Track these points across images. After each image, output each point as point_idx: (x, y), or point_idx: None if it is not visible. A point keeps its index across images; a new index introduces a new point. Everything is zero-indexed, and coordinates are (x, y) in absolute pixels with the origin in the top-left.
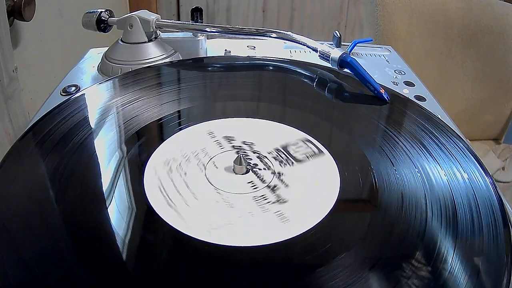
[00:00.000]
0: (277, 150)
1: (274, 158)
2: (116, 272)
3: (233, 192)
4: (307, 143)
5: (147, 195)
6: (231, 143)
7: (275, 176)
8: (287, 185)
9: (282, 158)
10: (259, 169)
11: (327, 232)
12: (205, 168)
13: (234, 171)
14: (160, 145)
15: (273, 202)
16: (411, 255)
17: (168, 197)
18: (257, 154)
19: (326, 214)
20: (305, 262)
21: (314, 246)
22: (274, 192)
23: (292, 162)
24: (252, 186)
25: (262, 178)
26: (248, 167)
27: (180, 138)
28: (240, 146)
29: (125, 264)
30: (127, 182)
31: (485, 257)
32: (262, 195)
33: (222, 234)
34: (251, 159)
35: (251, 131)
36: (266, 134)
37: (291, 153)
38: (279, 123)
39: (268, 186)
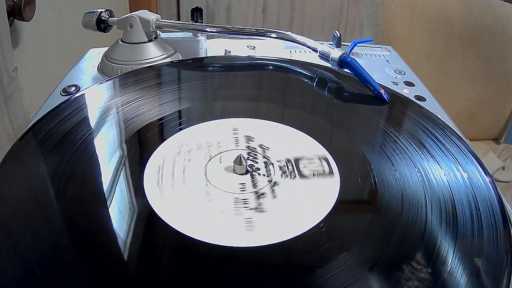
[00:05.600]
0: (288, 160)
1: (280, 167)
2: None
3: (220, 188)
4: (322, 160)
5: (144, 179)
6: (248, 143)
7: (269, 185)
8: (275, 196)
9: (288, 169)
10: (259, 174)
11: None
12: (209, 160)
13: (234, 170)
14: (181, 131)
15: (251, 209)
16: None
17: (161, 176)
18: (266, 160)
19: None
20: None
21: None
22: (257, 199)
23: (295, 176)
24: (241, 188)
25: (256, 183)
26: (249, 169)
27: (205, 127)
28: (254, 148)
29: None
30: (126, 170)
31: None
32: (244, 199)
33: (182, 221)
34: (257, 162)
35: (275, 136)
36: (288, 142)
37: (299, 166)
38: (307, 135)
39: (256, 192)
